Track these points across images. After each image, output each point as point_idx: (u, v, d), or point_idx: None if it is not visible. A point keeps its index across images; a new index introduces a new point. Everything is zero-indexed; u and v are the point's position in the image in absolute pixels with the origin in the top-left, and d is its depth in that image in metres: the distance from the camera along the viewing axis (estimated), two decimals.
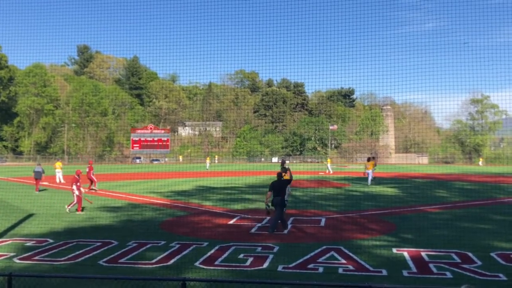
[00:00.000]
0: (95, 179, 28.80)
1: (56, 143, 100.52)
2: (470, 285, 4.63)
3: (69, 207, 18.95)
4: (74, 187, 19.12)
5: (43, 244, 12.68)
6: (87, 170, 28.41)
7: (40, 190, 28.23)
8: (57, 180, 34.25)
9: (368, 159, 34.03)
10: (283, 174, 16.12)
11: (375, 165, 33.62)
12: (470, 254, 11.28)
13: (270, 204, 14.73)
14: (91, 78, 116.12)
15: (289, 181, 15.79)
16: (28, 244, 12.73)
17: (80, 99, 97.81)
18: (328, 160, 56.73)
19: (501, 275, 9.57)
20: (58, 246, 12.38)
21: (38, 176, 28.41)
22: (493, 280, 9.24)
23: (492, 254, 11.35)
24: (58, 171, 34.85)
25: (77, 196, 19.05)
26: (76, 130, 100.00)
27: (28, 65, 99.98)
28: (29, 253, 11.54)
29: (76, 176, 19.60)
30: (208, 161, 67.00)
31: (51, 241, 13.06)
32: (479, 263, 10.52)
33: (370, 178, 32.44)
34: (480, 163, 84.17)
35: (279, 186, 14.61)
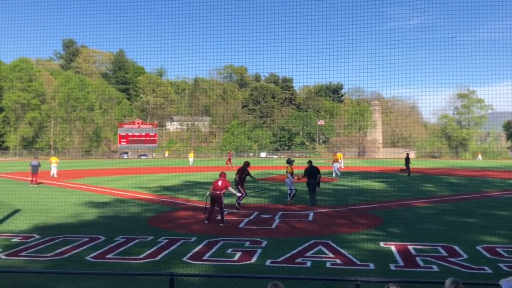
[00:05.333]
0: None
1: (42, 138, 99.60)
2: (456, 278, 4.67)
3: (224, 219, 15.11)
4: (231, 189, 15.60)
5: (30, 240, 12.56)
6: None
7: (36, 184, 28.77)
8: (51, 174, 34.87)
9: (336, 153, 40.36)
10: (288, 166, 19.94)
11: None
12: (456, 248, 11.38)
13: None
14: (78, 73, 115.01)
15: (318, 170, 19.46)
16: (14, 240, 12.61)
17: (66, 93, 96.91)
18: (339, 154, 46.17)
19: (486, 268, 9.67)
20: (45, 242, 12.28)
21: (35, 170, 29.01)
22: (479, 273, 9.33)
23: (478, 248, 11.47)
24: (54, 165, 35.48)
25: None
26: (63, 125, 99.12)
27: (14, 59, 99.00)
28: (15, 249, 11.43)
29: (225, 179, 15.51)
30: (191, 156, 62.17)
31: (37, 237, 12.95)
32: (465, 256, 10.62)
33: (337, 169, 36.60)
34: (480, 157, 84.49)
35: (310, 172, 19.12)
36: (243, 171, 18.96)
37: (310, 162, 20.07)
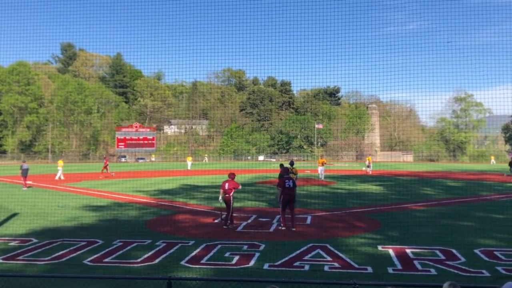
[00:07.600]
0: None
1: (40, 142, 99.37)
2: (454, 281, 4.67)
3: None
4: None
5: (27, 244, 12.53)
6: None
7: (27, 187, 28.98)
8: (57, 177, 35.86)
9: (322, 157, 40.32)
10: (292, 168, 20.07)
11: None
12: (454, 251, 11.39)
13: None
14: (76, 76, 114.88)
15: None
16: (11, 244, 12.57)
17: (64, 97, 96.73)
18: (368, 158, 48.50)
19: (484, 271, 9.67)
20: (42, 245, 12.25)
21: (25, 173, 29.36)
22: (477, 276, 9.34)
23: (476, 251, 11.48)
24: (60, 169, 36.49)
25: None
26: (61, 128, 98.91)
27: (11, 63, 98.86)
28: (13, 253, 11.40)
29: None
30: (189, 161, 60.86)
31: (35, 240, 12.92)
32: (463, 259, 10.63)
33: (322, 173, 36.26)
34: (493, 161, 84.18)
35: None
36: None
37: (282, 165, 19.70)
